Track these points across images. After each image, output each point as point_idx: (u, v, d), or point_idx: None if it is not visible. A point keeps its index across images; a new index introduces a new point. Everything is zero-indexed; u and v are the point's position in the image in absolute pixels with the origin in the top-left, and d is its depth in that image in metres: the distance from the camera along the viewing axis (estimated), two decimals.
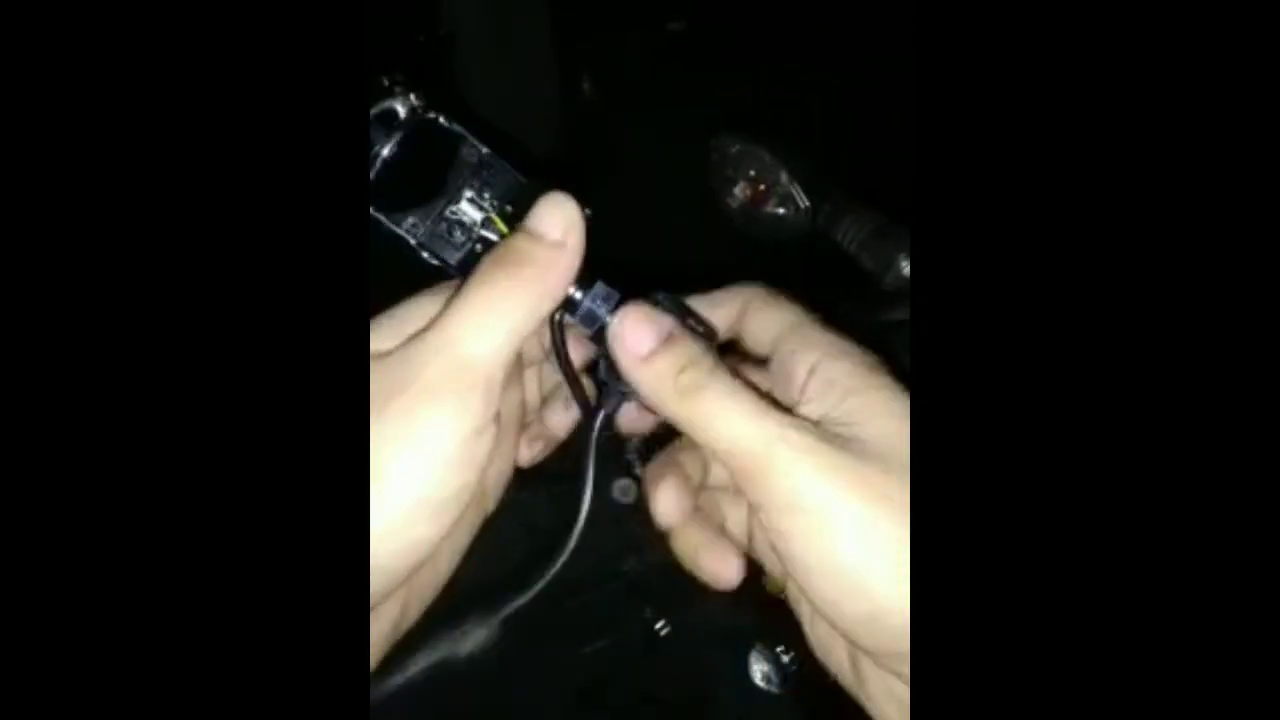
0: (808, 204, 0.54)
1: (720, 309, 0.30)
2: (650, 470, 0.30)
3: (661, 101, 0.85)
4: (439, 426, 0.23)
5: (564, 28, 0.94)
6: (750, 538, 0.32)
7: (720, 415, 0.25)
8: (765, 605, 0.63)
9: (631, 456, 0.59)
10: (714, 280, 0.32)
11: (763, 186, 0.55)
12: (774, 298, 0.29)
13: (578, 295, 0.28)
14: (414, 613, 0.29)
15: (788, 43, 0.81)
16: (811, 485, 0.23)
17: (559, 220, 0.26)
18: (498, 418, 0.25)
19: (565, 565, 0.79)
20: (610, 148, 0.89)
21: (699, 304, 0.30)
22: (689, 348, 0.26)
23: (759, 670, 0.62)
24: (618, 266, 0.29)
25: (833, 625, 0.25)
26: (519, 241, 0.26)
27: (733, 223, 0.57)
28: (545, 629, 0.79)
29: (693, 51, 0.88)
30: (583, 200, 0.27)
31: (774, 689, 0.61)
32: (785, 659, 0.60)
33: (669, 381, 0.26)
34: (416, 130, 0.28)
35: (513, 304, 0.25)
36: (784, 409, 0.25)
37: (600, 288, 0.29)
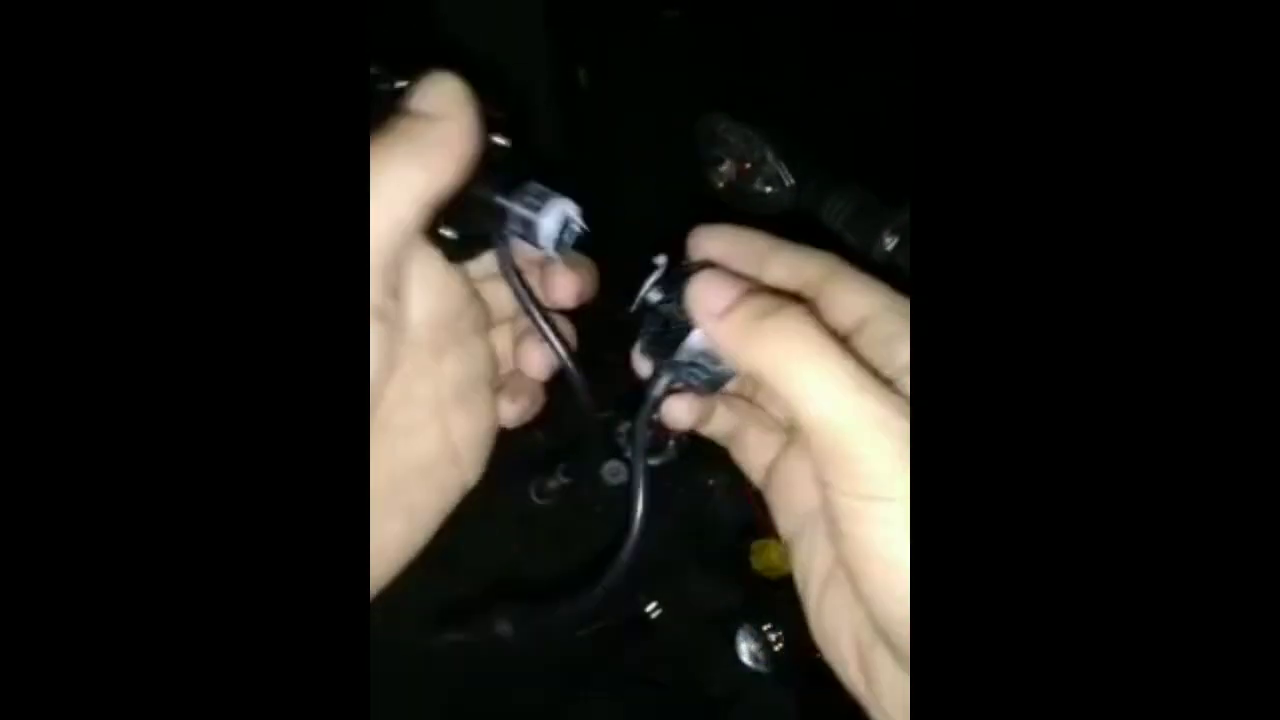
0: (793, 181, 0.54)
1: (802, 269, 0.27)
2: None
3: (655, 86, 0.86)
4: None
5: (558, 17, 0.94)
6: (770, 475, 0.30)
7: (812, 373, 0.22)
8: (752, 586, 0.63)
9: (620, 439, 0.60)
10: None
11: (748, 165, 0.55)
12: (861, 274, 0.27)
13: (506, 203, 0.25)
14: (378, 571, 0.26)
15: (778, 30, 0.81)
16: (906, 478, 0.22)
17: (438, 97, 0.24)
18: (387, 317, 0.23)
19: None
20: (605, 133, 0.90)
21: (778, 254, 0.28)
22: (771, 299, 0.24)
23: (746, 649, 0.62)
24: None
25: (875, 614, 0.23)
26: (396, 121, 0.23)
27: (719, 200, 0.57)
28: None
29: (687, 38, 0.88)
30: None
31: (761, 668, 0.62)
32: (771, 637, 0.60)
33: (751, 325, 0.24)
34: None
35: (390, 178, 0.22)
36: (883, 380, 0.23)
37: (533, 186, 0.26)
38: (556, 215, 0.26)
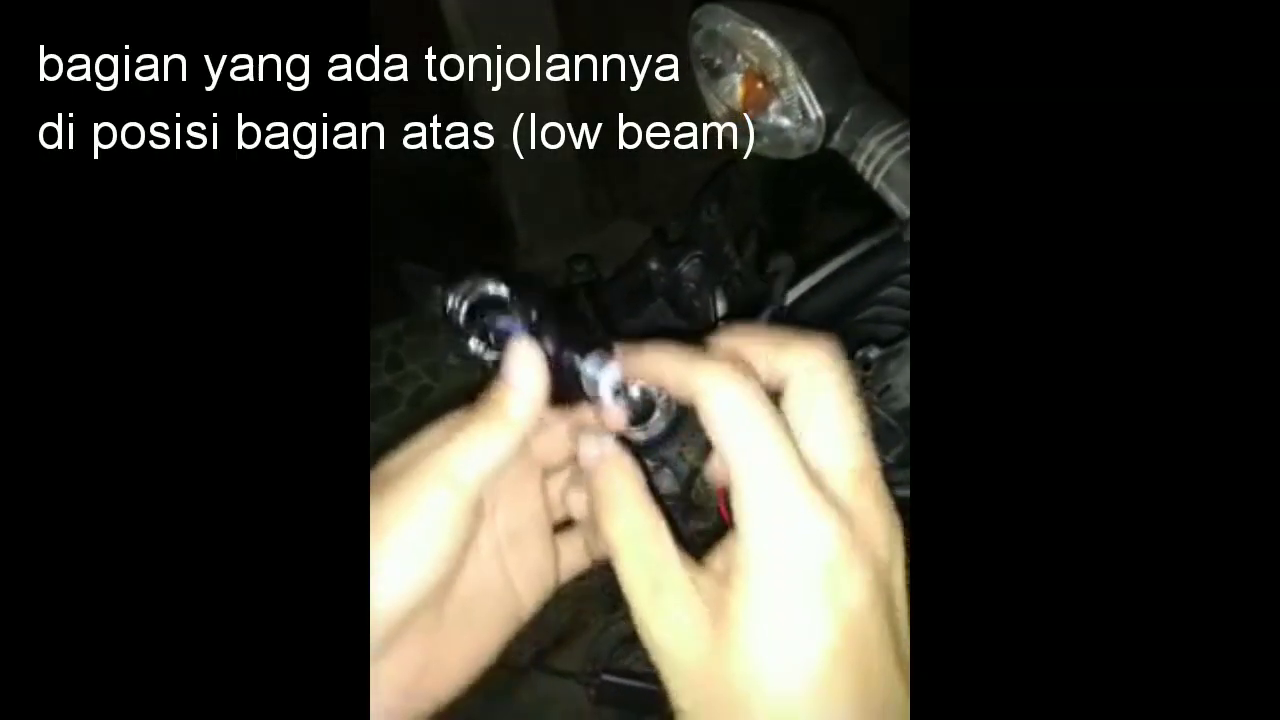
0: (820, 114, 0.39)
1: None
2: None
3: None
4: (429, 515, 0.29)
5: None
6: None
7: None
8: None
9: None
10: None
11: (761, 84, 0.39)
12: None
13: (586, 368, 0.32)
14: (441, 687, 0.32)
15: None
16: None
17: (519, 371, 0.32)
18: (479, 513, 0.31)
19: None
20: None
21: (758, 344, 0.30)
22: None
23: None
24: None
25: None
26: (494, 392, 0.32)
27: (716, 134, 0.42)
28: None
29: None
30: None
31: None
32: None
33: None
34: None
35: (485, 439, 0.31)
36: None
37: (595, 357, 0.32)
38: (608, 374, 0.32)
